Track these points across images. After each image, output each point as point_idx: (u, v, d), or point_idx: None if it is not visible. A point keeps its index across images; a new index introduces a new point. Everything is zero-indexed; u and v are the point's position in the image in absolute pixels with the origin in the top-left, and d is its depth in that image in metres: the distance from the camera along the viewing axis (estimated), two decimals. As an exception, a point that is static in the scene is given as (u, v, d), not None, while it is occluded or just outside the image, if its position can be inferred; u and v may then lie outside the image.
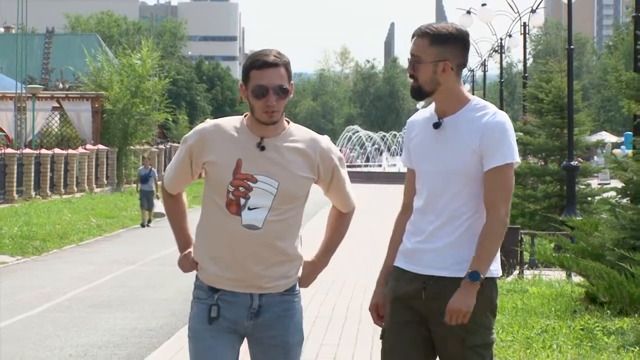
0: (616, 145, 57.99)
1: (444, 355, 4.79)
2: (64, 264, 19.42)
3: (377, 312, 4.95)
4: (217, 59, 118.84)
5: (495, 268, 4.74)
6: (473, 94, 4.97)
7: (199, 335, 4.82)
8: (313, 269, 4.99)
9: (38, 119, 48.51)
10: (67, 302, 14.22)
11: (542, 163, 24.77)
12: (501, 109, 41.55)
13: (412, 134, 4.92)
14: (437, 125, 4.78)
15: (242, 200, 4.72)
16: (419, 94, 4.81)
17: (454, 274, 4.69)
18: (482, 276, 4.63)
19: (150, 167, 29.41)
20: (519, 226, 18.92)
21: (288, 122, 4.84)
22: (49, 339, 11.31)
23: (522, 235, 17.85)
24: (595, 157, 56.97)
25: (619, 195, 13.29)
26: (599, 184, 33.34)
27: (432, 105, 4.87)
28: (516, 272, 16.56)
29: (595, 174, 31.34)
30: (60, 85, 60.98)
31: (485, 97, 57.40)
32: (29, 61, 53.23)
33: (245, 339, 4.89)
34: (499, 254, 4.77)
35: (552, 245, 18.51)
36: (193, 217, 4.84)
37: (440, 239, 4.73)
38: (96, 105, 49.99)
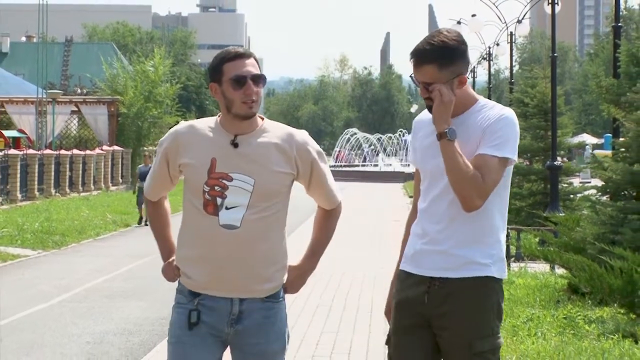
0: (597, 147, 57.88)
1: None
2: (81, 257, 19.42)
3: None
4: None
5: (501, 269, 4.35)
6: None
7: (178, 341, 4.41)
8: (300, 274, 4.55)
9: (58, 122, 48.49)
10: (85, 293, 14.22)
11: (528, 163, 24.74)
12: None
13: (419, 134, 4.49)
14: None
15: (219, 200, 4.33)
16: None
17: (459, 274, 4.29)
18: (448, 136, 4.20)
19: (150, 164, 28.97)
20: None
21: (262, 119, 4.45)
22: (68, 327, 11.31)
23: (509, 231, 17.84)
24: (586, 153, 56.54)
25: (599, 193, 13.27)
26: (580, 183, 33.31)
27: None
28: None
29: (577, 173, 31.28)
30: (79, 91, 60.92)
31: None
32: (49, 68, 53.20)
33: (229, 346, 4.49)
34: (504, 259, 4.39)
35: (537, 239, 18.50)
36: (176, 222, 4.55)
37: (445, 241, 4.30)
38: (112, 109, 49.99)
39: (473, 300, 4.28)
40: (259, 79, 4.36)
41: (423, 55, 4.24)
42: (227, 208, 4.32)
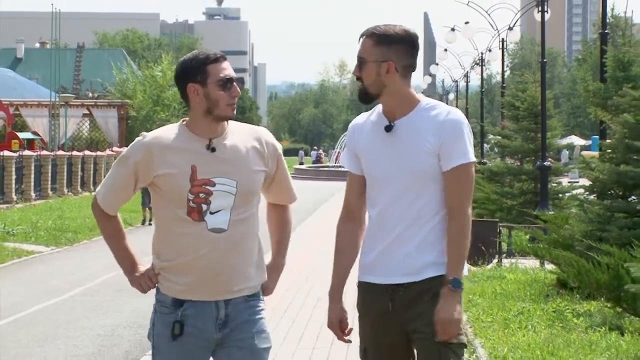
0: (585, 148, 57.85)
1: (421, 355, 4.13)
2: (93, 253, 19.41)
3: (340, 328, 4.25)
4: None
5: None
6: (457, 103, 4.38)
7: (163, 353, 4.22)
8: (275, 273, 4.39)
9: (70, 124, 48.54)
10: (96, 287, 14.21)
11: (518, 163, 24.74)
12: (482, 115, 41.43)
13: (359, 138, 4.21)
14: (389, 129, 4.11)
15: (204, 206, 4.13)
16: (366, 96, 4.14)
17: (423, 276, 4.06)
18: (461, 281, 4.01)
19: None
20: (497, 220, 18.92)
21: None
22: (80, 320, 11.30)
23: (501, 228, 17.83)
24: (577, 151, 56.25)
25: (587, 192, 13.26)
26: (569, 182, 33.29)
27: (378, 108, 4.21)
28: (495, 260, 16.54)
29: (566, 173, 31.25)
30: (90, 95, 60.94)
31: (467, 105, 57.26)
32: (62, 73, 53.19)
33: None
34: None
35: (527, 236, 18.49)
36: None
37: (409, 241, 4.06)
38: (122, 112, 50.07)
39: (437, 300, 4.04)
40: (241, 82, 4.22)
41: (366, 30, 4.13)
42: (211, 213, 4.14)
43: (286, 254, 4.46)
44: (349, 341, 4.25)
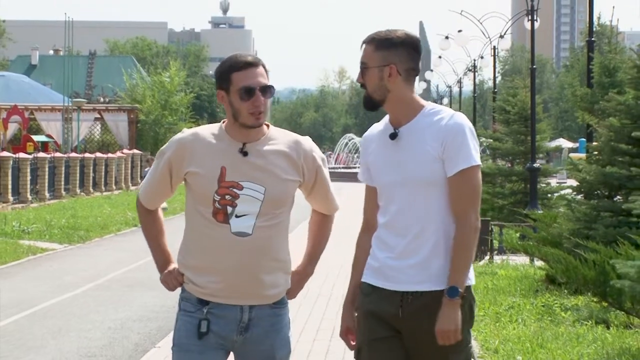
0: (573, 150, 57.84)
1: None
2: (104, 250, 19.42)
3: (350, 336, 4.03)
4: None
5: (470, 276, 3.85)
6: (450, 108, 4.16)
7: (186, 350, 4.00)
8: (299, 279, 4.18)
9: (82, 128, 48.53)
10: (107, 283, 14.21)
11: (509, 165, 24.75)
12: (474, 119, 41.44)
13: (369, 149, 4.00)
14: (393, 136, 3.88)
15: (229, 209, 3.92)
16: (370, 102, 3.94)
17: (433, 287, 3.80)
18: (460, 290, 3.75)
19: None
20: (489, 218, 18.93)
21: (268, 126, 4.03)
22: (92, 314, 11.31)
23: (492, 226, 17.84)
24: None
25: (574, 192, 13.26)
26: (557, 183, 33.29)
27: (386, 117, 3.99)
28: (487, 257, 16.55)
29: (554, 174, 31.25)
30: (101, 99, 60.92)
31: (461, 110, 57.33)
32: (75, 79, 53.22)
33: (232, 353, 4.09)
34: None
35: (518, 234, 18.50)
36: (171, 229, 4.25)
37: (417, 253, 3.81)
38: (132, 116, 50.07)
39: None
40: (267, 90, 3.94)
41: (367, 37, 3.93)
42: (237, 216, 3.93)
43: (316, 263, 4.25)
44: (357, 345, 4.01)
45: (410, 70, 3.87)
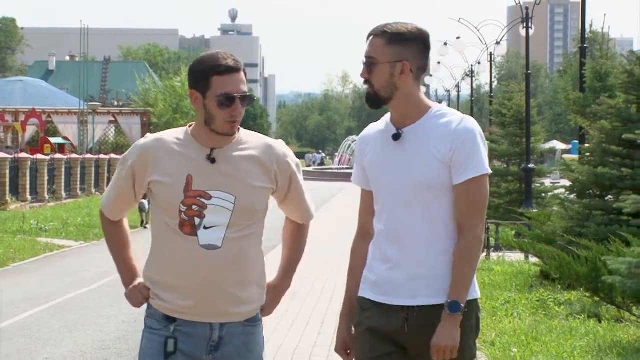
0: (566, 152, 57.75)
1: None
2: (118, 247, 19.40)
3: (347, 350, 3.60)
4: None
5: (475, 288, 3.47)
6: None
7: None
8: (275, 294, 3.67)
9: (97, 130, 48.57)
10: (121, 279, 14.20)
11: (505, 166, 24.74)
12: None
13: (366, 150, 3.57)
14: (396, 137, 3.46)
15: (197, 220, 3.45)
16: (375, 100, 3.50)
17: (438, 300, 3.39)
18: (462, 305, 3.35)
19: None
20: (486, 217, 18.92)
21: (238, 129, 3.54)
22: (106, 309, 11.31)
23: (489, 224, 17.83)
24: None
25: (568, 192, 13.25)
26: (551, 183, 33.25)
27: (386, 116, 3.58)
28: (484, 254, 16.54)
29: (548, 175, 31.21)
30: (115, 103, 60.99)
31: (459, 113, 57.04)
32: (90, 83, 53.28)
33: None
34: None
35: (513, 232, 18.50)
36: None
37: (417, 264, 3.41)
38: (144, 119, 50.09)
39: None
40: (247, 99, 3.49)
41: (376, 29, 3.48)
42: (205, 228, 3.46)
43: (293, 275, 3.74)
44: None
45: (421, 69, 3.48)
